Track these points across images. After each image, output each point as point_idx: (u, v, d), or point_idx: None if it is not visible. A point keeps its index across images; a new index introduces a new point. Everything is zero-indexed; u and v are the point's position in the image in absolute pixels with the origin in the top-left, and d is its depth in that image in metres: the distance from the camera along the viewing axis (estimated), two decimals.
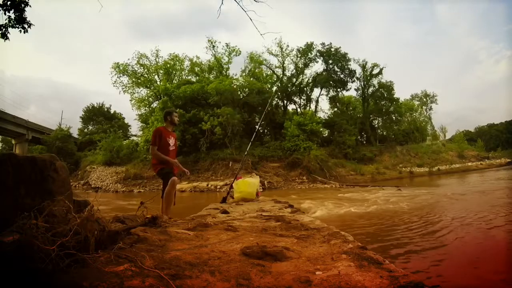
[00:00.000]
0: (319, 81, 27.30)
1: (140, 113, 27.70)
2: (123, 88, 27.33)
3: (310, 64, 27.54)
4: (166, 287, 0.87)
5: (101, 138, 24.19)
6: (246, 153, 6.52)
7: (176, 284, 0.89)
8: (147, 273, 0.96)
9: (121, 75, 26.87)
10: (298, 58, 27.25)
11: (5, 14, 5.43)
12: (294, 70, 27.70)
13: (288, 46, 27.03)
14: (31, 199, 1.30)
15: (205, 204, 5.14)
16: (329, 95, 29.80)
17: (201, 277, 0.96)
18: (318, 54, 26.97)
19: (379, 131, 31.88)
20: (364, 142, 29.95)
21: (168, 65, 27.65)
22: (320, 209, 6.74)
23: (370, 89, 29.62)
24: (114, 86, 27.11)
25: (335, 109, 31.19)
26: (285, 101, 28.07)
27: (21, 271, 0.88)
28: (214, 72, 27.93)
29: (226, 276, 0.98)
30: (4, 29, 5.50)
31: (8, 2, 5.39)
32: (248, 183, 5.31)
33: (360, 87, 29.38)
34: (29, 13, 5.57)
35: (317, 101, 29.03)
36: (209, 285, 0.90)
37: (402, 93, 56.37)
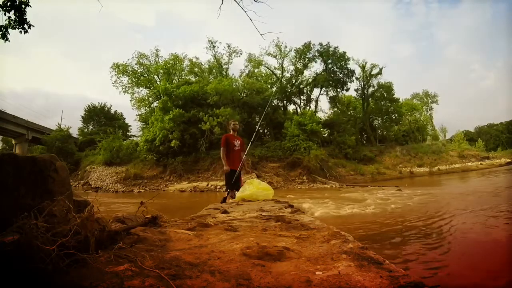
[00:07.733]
0: (318, 81, 27.31)
1: (140, 113, 27.73)
2: (123, 88, 27.38)
3: (309, 64, 27.60)
4: (166, 287, 0.87)
5: (101, 138, 24.19)
6: (246, 153, 6.50)
7: (176, 284, 0.89)
8: (147, 273, 0.96)
9: (121, 75, 26.90)
10: (297, 59, 27.27)
11: (5, 15, 5.42)
12: (294, 71, 27.75)
13: (286, 46, 27.08)
14: (31, 199, 1.30)
15: (205, 204, 5.13)
16: (329, 95, 29.86)
17: (201, 277, 0.96)
18: (316, 54, 26.99)
19: (379, 131, 31.88)
20: (364, 142, 29.96)
21: (169, 65, 27.65)
22: (320, 209, 6.75)
23: (370, 89, 29.67)
24: (113, 86, 27.18)
25: (335, 109, 31.22)
26: (285, 101, 28.09)
27: (21, 271, 0.88)
28: (214, 73, 27.93)
29: (226, 276, 0.98)
30: (4, 30, 5.49)
31: (8, 3, 5.38)
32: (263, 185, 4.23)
33: (360, 87, 29.45)
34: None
35: (317, 101, 29.06)
36: (209, 285, 0.90)
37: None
